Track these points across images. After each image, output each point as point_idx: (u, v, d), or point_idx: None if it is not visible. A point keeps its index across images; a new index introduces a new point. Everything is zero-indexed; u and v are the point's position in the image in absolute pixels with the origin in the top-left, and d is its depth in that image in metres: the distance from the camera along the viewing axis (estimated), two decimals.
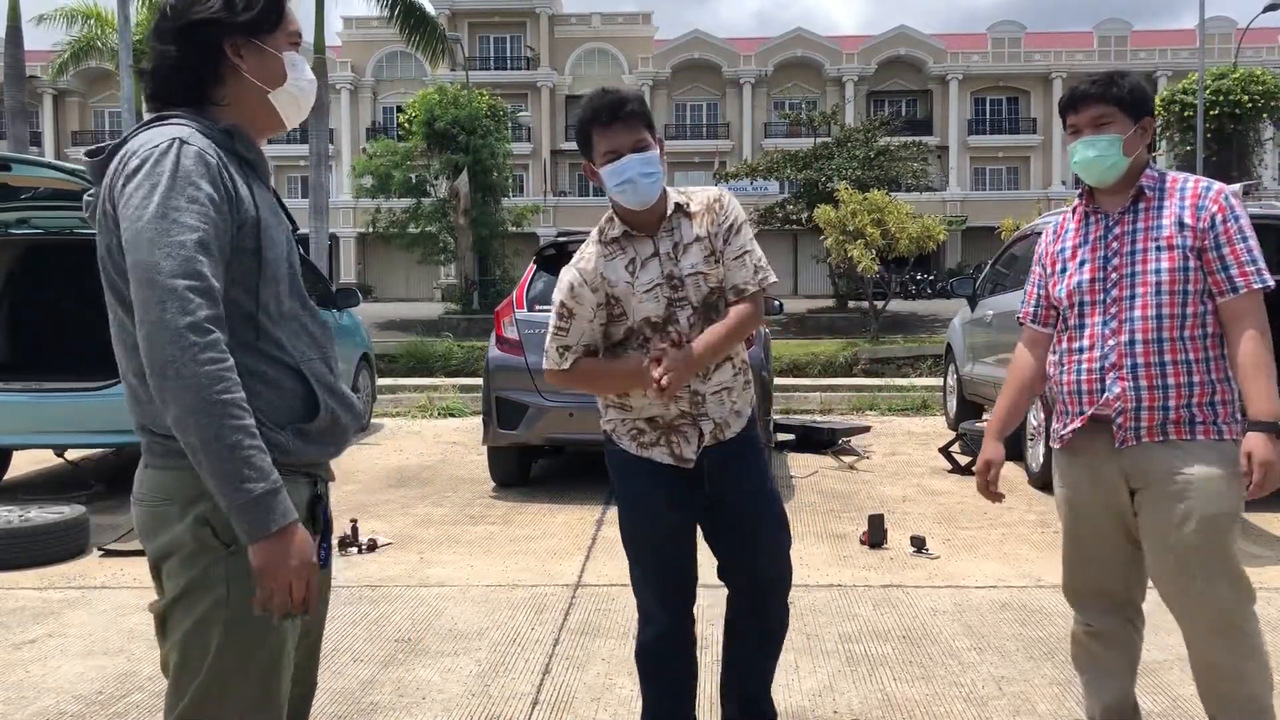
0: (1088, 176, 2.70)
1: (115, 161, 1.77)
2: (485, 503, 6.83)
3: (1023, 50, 48.39)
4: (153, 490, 1.83)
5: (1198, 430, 2.59)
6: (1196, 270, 2.58)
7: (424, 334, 21.07)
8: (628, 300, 2.65)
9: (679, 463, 2.71)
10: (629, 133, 2.58)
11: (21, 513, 5.54)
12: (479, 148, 23.90)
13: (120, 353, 1.82)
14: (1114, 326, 2.63)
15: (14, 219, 6.87)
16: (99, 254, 1.80)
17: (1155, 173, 2.69)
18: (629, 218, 2.67)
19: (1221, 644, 2.62)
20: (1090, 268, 2.69)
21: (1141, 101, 2.67)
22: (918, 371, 16.45)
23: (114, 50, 20.95)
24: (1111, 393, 2.63)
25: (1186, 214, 2.59)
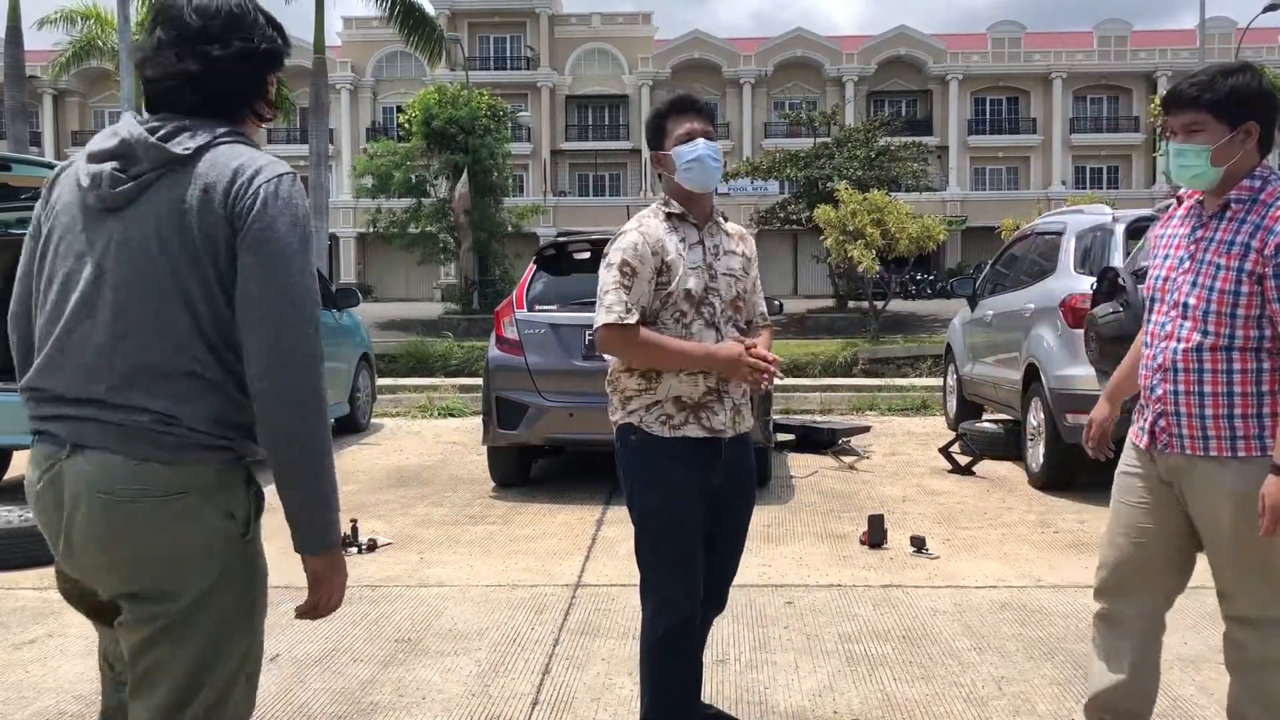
0: (1177, 181, 2.66)
1: (215, 164, 1.84)
2: (485, 503, 6.83)
3: (1023, 50, 48.41)
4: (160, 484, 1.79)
5: (1239, 446, 2.55)
6: (1251, 296, 2.51)
7: (424, 334, 21.07)
8: (676, 268, 2.84)
9: (713, 434, 2.87)
10: (704, 121, 2.90)
11: (21, 513, 5.54)
12: (478, 148, 23.90)
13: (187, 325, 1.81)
14: (1168, 329, 2.64)
15: (14, 219, 6.87)
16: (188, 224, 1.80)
17: (1257, 181, 2.58)
18: (684, 203, 2.91)
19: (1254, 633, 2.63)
20: (1169, 265, 2.69)
21: (1243, 105, 2.53)
22: (917, 371, 16.45)
23: (114, 50, 20.95)
24: (1155, 393, 2.67)
25: (1256, 236, 2.51)
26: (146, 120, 1.91)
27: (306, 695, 3.59)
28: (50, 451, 1.87)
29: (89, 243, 1.85)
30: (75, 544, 1.88)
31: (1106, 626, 2.85)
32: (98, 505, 1.81)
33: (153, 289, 1.81)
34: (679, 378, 2.84)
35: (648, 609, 2.90)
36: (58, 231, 1.91)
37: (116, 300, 1.81)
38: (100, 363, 1.82)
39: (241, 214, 1.81)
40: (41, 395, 1.88)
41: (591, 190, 50.50)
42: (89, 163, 1.88)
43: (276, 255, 1.80)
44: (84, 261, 1.85)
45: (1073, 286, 6.73)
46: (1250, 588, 2.63)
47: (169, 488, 1.81)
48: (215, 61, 1.89)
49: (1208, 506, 2.62)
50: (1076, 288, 6.63)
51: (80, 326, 1.83)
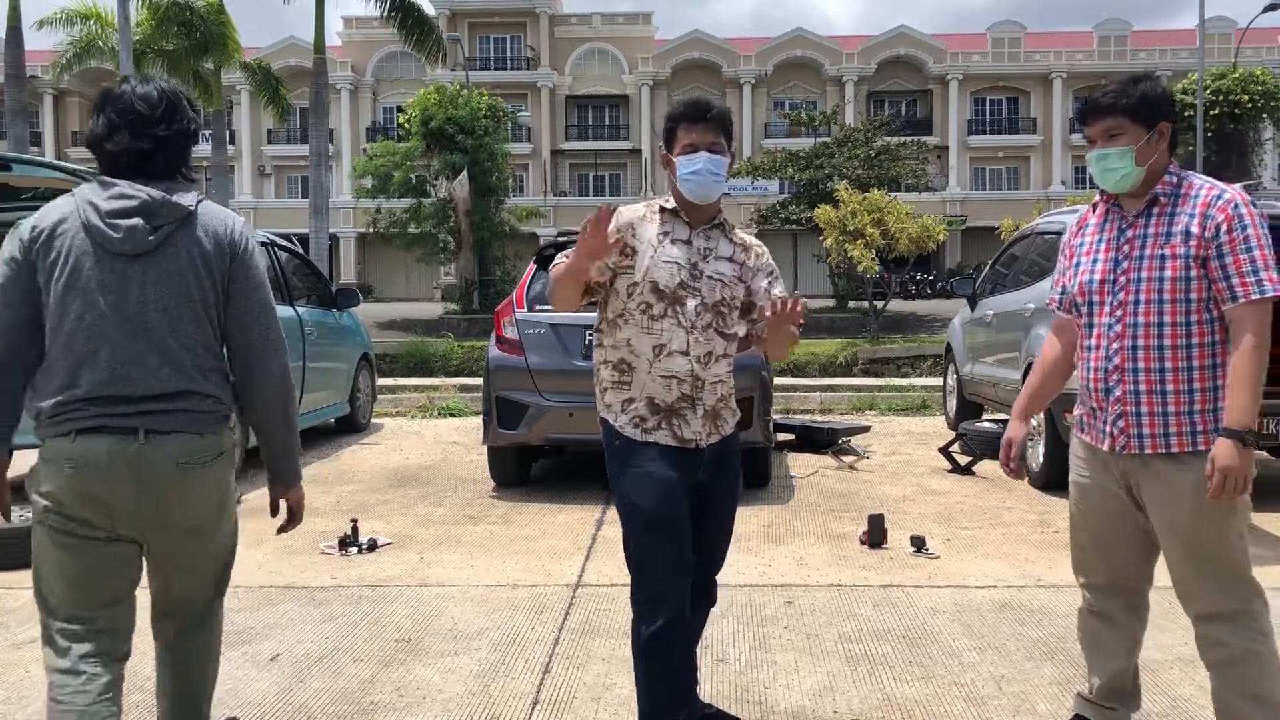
0: (1104, 186, 2.77)
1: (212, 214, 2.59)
2: (485, 503, 6.83)
3: (1023, 50, 48.41)
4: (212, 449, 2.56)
5: (1199, 440, 2.64)
6: (1199, 279, 2.62)
7: (424, 334, 21.06)
8: (644, 256, 2.87)
9: (682, 444, 2.89)
10: (709, 134, 2.90)
11: (21, 513, 5.53)
12: (478, 148, 23.89)
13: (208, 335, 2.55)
14: (1118, 330, 2.70)
15: (14, 219, 6.86)
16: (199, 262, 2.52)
17: (1174, 177, 2.73)
18: (685, 208, 2.95)
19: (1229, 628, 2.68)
20: (1102, 267, 2.76)
21: (1154, 108, 2.69)
22: (917, 371, 16.44)
23: (114, 50, 20.95)
24: (1113, 395, 2.71)
25: (1194, 223, 2.64)
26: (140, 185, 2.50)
27: (306, 695, 3.59)
28: (119, 442, 2.46)
29: (123, 279, 2.46)
30: (147, 504, 2.50)
31: (1097, 620, 2.98)
32: (177, 473, 2.50)
33: (192, 309, 2.52)
34: (651, 376, 2.87)
35: (635, 606, 2.89)
36: (67, 270, 2.45)
37: (169, 321, 2.49)
38: (166, 368, 2.48)
39: (235, 254, 2.59)
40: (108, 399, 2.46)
41: (591, 190, 50.49)
42: (111, 217, 2.46)
43: (258, 280, 2.63)
44: (125, 295, 2.46)
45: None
46: (1217, 582, 2.69)
47: (216, 451, 2.57)
48: (161, 140, 2.55)
49: (1170, 503, 2.68)
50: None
51: (143, 343, 2.47)
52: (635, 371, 2.90)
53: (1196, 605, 2.74)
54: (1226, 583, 2.69)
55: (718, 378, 2.95)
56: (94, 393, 2.47)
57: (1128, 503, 2.79)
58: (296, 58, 44.62)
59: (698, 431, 2.91)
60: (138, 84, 2.61)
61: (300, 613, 4.51)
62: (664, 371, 2.87)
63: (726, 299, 2.94)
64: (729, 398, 3.01)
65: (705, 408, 2.91)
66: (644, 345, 2.88)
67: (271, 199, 48.62)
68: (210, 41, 23.39)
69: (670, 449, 2.88)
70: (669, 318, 2.86)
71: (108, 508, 2.52)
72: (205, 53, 23.81)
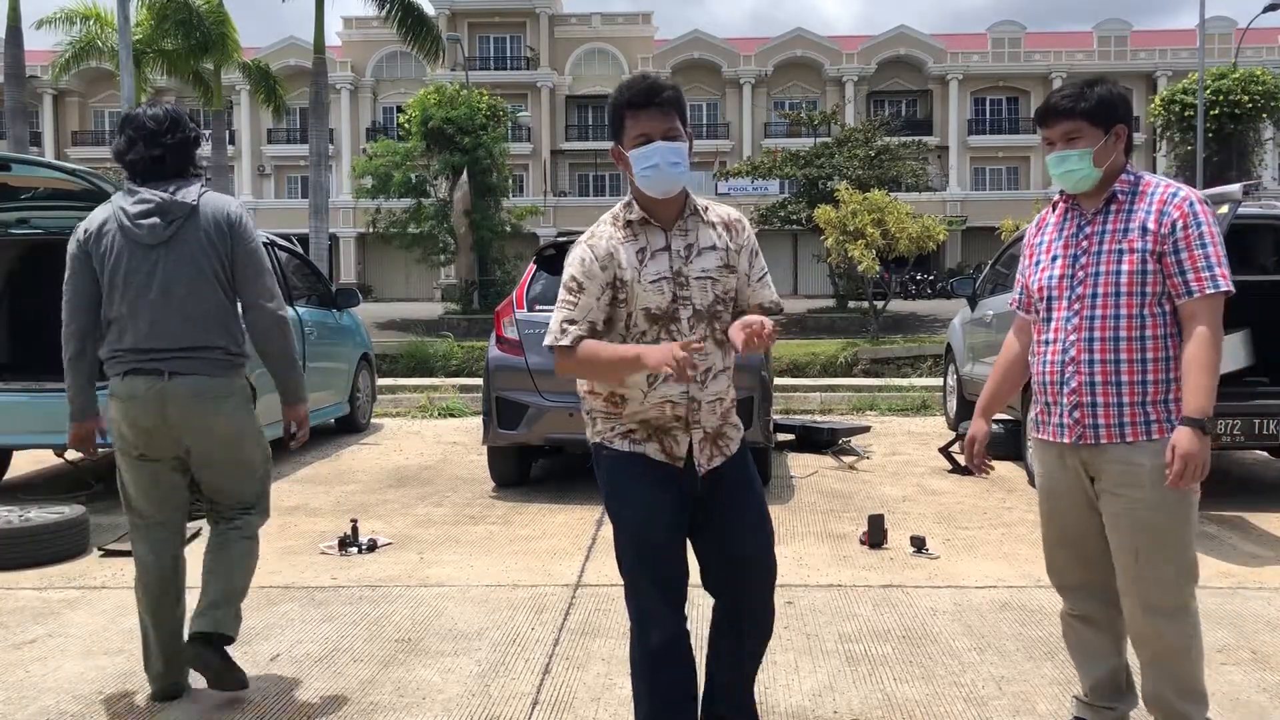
0: (1063, 187, 2.86)
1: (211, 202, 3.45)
2: (485, 503, 6.83)
3: (1023, 50, 48.41)
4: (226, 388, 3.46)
5: (1153, 429, 2.72)
6: (1155, 274, 2.71)
7: (424, 334, 21.06)
8: (631, 286, 2.63)
9: (670, 460, 2.71)
10: (662, 119, 2.61)
11: (21, 513, 5.54)
12: (477, 147, 23.88)
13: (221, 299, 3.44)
14: (1075, 323, 2.77)
15: (14, 219, 6.87)
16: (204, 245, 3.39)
17: (1131, 176, 2.81)
18: (648, 206, 2.69)
19: (1168, 623, 2.76)
20: (1061, 264, 2.83)
21: (1110, 110, 2.76)
22: (917, 371, 16.43)
23: (114, 50, 20.94)
24: (1069, 386, 2.78)
25: (1150, 219, 2.72)
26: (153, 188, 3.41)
27: (306, 695, 3.59)
28: (151, 380, 3.37)
29: (151, 264, 3.37)
30: (175, 428, 3.41)
31: (1079, 623, 3.01)
32: (195, 404, 3.39)
33: (204, 282, 3.40)
34: (644, 405, 2.66)
35: (631, 621, 2.76)
36: (112, 259, 3.39)
37: (187, 292, 3.38)
38: (186, 327, 3.38)
39: (234, 233, 3.45)
40: (147, 350, 3.37)
41: (591, 190, 50.48)
42: (137, 219, 3.38)
43: (252, 247, 3.49)
44: (152, 275, 3.37)
45: None
46: (1164, 574, 2.74)
47: (224, 388, 3.46)
48: (174, 147, 3.45)
49: (1125, 491, 2.74)
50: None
51: (164, 309, 3.36)
52: (629, 403, 2.69)
53: (1140, 597, 2.78)
54: (1173, 576, 2.75)
55: (716, 395, 2.72)
56: (134, 345, 3.39)
57: (1091, 497, 2.84)
58: (296, 58, 44.62)
59: (684, 453, 2.71)
60: (148, 107, 3.49)
61: (300, 613, 4.50)
62: (658, 398, 2.66)
63: (719, 296, 2.69)
64: (730, 412, 2.80)
65: (705, 430, 2.71)
66: (639, 377, 2.63)
67: (271, 199, 48.60)
68: (210, 42, 23.39)
69: (659, 462, 2.71)
70: (661, 339, 2.62)
71: (148, 433, 3.43)
72: (205, 53, 23.80)
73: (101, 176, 6.64)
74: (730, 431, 2.80)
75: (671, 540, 2.73)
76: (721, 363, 2.73)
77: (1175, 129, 25.38)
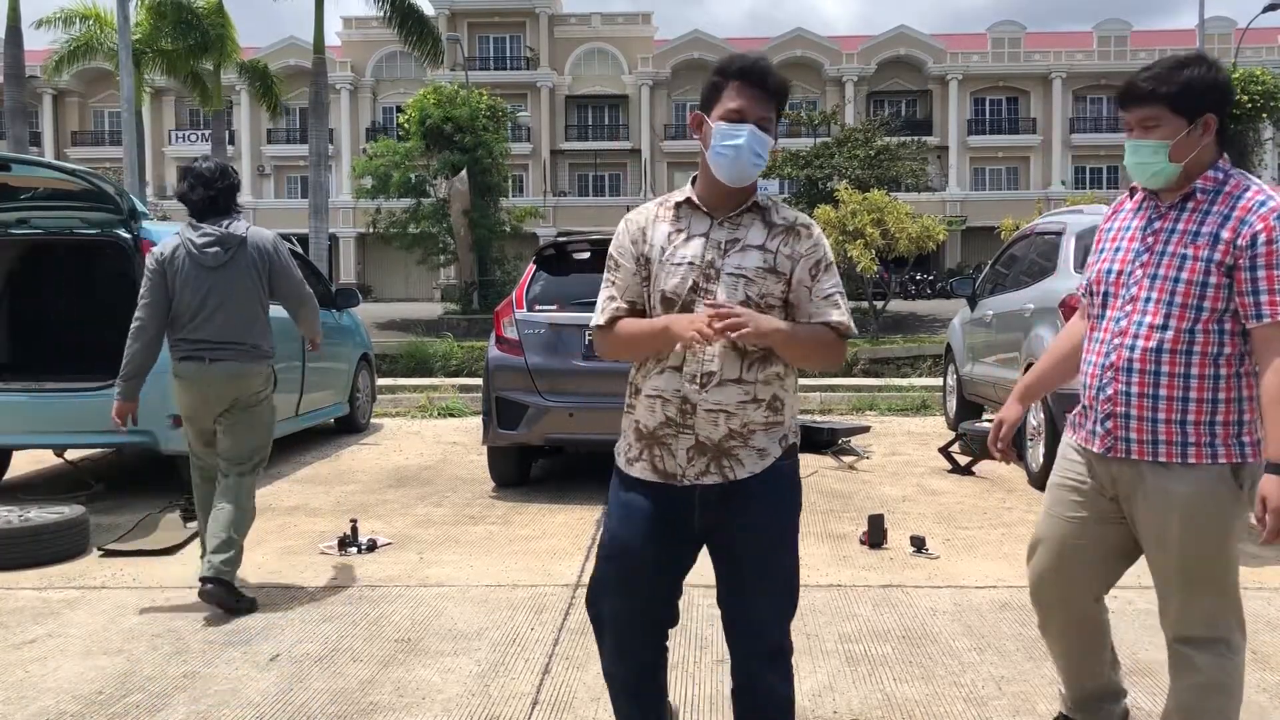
0: (1135, 179, 2.57)
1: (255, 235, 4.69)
2: (485, 503, 6.83)
3: (1023, 50, 48.40)
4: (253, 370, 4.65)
5: (1189, 453, 2.46)
6: (1219, 289, 2.41)
7: (424, 334, 21.05)
8: (654, 265, 2.44)
9: (664, 479, 2.42)
10: (761, 105, 2.39)
11: (21, 513, 5.53)
12: (477, 147, 23.87)
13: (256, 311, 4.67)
14: (1123, 325, 2.52)
15: (14, 219, 6.87)
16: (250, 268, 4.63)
17: (1219, 173, 2.49)
18: (705, 190, 2.46)
19: (1203, 655, 2.54)
20: (1122, 257, 2.56)
21: (1197, 97, 2.43)
22: (917, 371, 16.43)
23: (114, 50, 20.94)
24: (1105, 393, 2.54)
25: (1226, 227, 2.41)
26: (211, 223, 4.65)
27: (306, 695, 3.59)
28: (197, 364, 4.59)
29: (211, 282, 4.59)
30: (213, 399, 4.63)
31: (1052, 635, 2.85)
32: (227, 382, 4.61)
33: (246, 296, 4.63)
34: (640, 398, 2.45)
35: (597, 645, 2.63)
36: (181, 277, 4.59)
37: (235, 304, 4.60)
38: (227, 328, 4.59)
39: (270, 258, 4.70)
40: (197, 341, 4.58)
41: (591, 190, 50.47)
42: (203, 248, 4.59)
43: (287, 268, 4.74)
44: (210, 291, 4.58)
45: (1073, 286, 6.73)
46: (1200, 605, 2.54)
47: (255, 372, 4.68)
48: (220, 191, 4.69)
49: (1155, 517, 2.52)
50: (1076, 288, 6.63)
51: (216, 315, 4.57)
52: (640, 394, 2.47)
53: (1176, 626, 2.59)
54: (1210, 608, 2.54)
55: (720, 406, 2.38)
56: (188, 337, 4.63)
57: (1108, 515, 2.62)
58: (296, 58, 44.62)
59: (680, 466, 2.41)
60: (203, 161, 4.78)
61: (300, 613, 4.50)
62: (651, 390, 2.42)
63: (752, 298, 2.36)
64: (756, 433, 2.43)
65: (700, 438, 2.39)
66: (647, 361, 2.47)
67: (271, 199, 48.59)
68: (209, 42, 23.39)
69: (650, 484, 2.45)
70: None
71: (194, 400, 4.69)
72: (204, 53, 23.80)
73: (101, 177, 6.65)
74: (743, 454, 2.42)
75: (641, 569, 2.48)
76: (736, 373, 2.39)
77: None
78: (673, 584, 2.55)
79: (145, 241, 6.65)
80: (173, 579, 5.03)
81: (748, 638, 2.49)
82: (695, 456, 2.41)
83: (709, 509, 2.44)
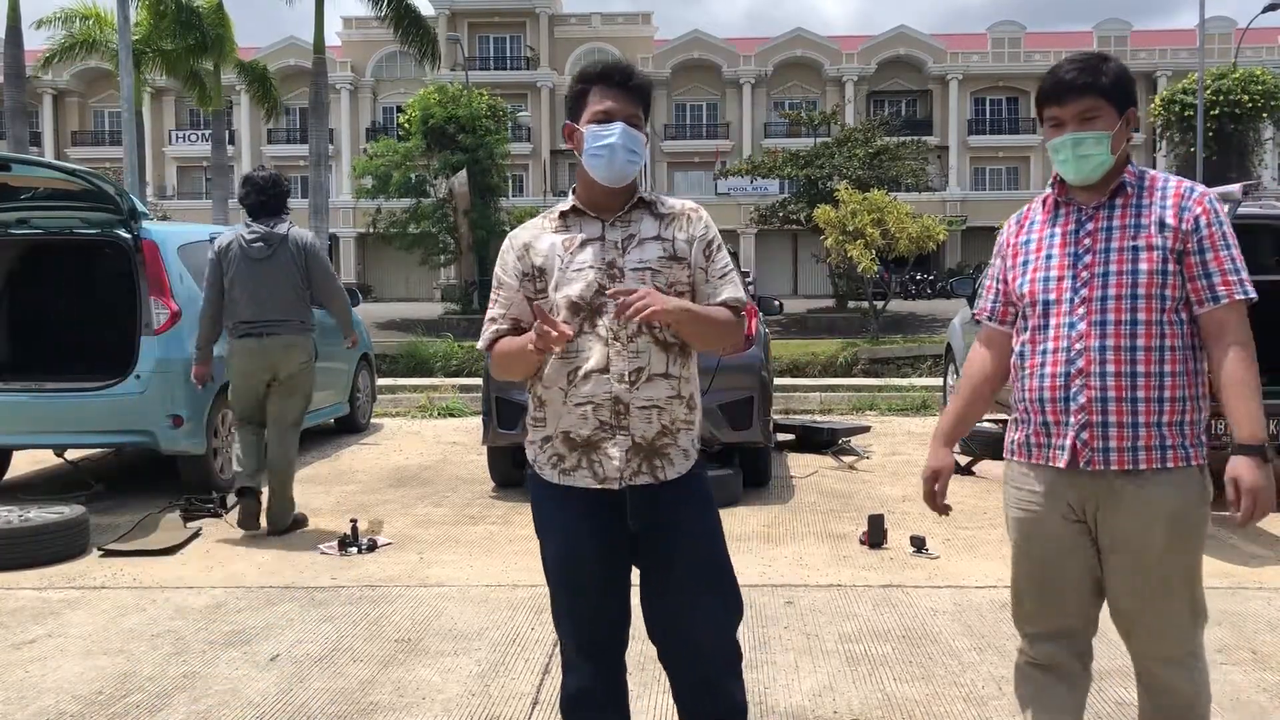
0: (1073, 176, 2.44)
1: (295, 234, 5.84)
2: (485, 503, 6.83)
3: (1023, 50, 48.39)
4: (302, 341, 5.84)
5: (1168, 456, 2.36)
6: (1175, 275, 2.36)
7: (424, 334, 21.07)
8: (552, 274, 2.41)
9: (604, 484, 2.40)
10: (628, 104, 2.41)
11: (21, 513, 5.53)
12: (478, 147, 23.89)
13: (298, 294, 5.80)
14: (1082, 330, 2.38)
15: (14, 219, 6.87)
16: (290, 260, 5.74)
17: (1134, 168, 2.47)
18: (588, 195, 2.46)
19: (1181, 671, 2.46)
20: (1059, 264, 2.44)
21: (1128, 91, 2.42)
22: (917, 371, 16.45)
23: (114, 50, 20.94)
24: (1076, 403, 2.39)
25: (1169, 214, 2.37)
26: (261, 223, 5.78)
27: (306, 695, 3.59)
28: (255, 339, 5.68)
29: (259, 272, 5.70)
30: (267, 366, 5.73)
31: (1041, 673, 2.58)
32: (281, 352, 5.74)
33: (287, 283, 5.75)
34: (567, 407, 2.39)
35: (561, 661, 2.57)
36: (234, 269, 5.70)
37: (280, 289, 5.72)
38: (274, 308, 5.71)
39: (308, 253, 5.83)
40: (252, 321, 5.67)
41: None
42: (251, 243, 5.72)
43: (322, 262, 5.96)
44: (257, 279, 5.68)
45: None
46: (1175, 620, 2.43)
47: (304, 343, 5.83)
48: (272, 196, 5.82)
49: (1135, 530, 2.38)
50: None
51: (265, 298, 5.68)
52: (549, 405, 2.42)
53: (1147, 646, 2.47)
54: (1183, 622, 2.44)
55: (652, 401, 2.38)
56: (243, 318, 5.71)
57: (1080, 535, 2.46)
58: (296, 58, 44.62)
59: (618, 470, 2.38)
60: (258, 171, 5.93)
61: (300, 613, 4.50)
62: (580, 399, 2.37)
63: (662, 290, 2.38)
64: (681, 431, 2.44)
65: (635, 439, 2.37)
66: (557, 373, 2.40)
67: None
68: (208, 41, 23.39)
69: (590, 492, 2.41)
70: (586, 334, 2.37)
71: (250, 369, 5.78)
72: (203, 53, 23.80)
73: (101, 177, 6.65)
74: (673, 453, 2.43)
75: (597, 583, 2.45)
76: (663, 367, 2.40)
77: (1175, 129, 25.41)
78: (624, 593, 2.50)
79: (145, 241, 6.66)
80: (173, 579, 5.03)
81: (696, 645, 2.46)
82: (632, 457, 2.39)
83: (638, 511, 2.42)
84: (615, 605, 2.49)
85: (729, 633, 2.50)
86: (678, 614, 2.45)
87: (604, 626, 2.49)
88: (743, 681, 2.53)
